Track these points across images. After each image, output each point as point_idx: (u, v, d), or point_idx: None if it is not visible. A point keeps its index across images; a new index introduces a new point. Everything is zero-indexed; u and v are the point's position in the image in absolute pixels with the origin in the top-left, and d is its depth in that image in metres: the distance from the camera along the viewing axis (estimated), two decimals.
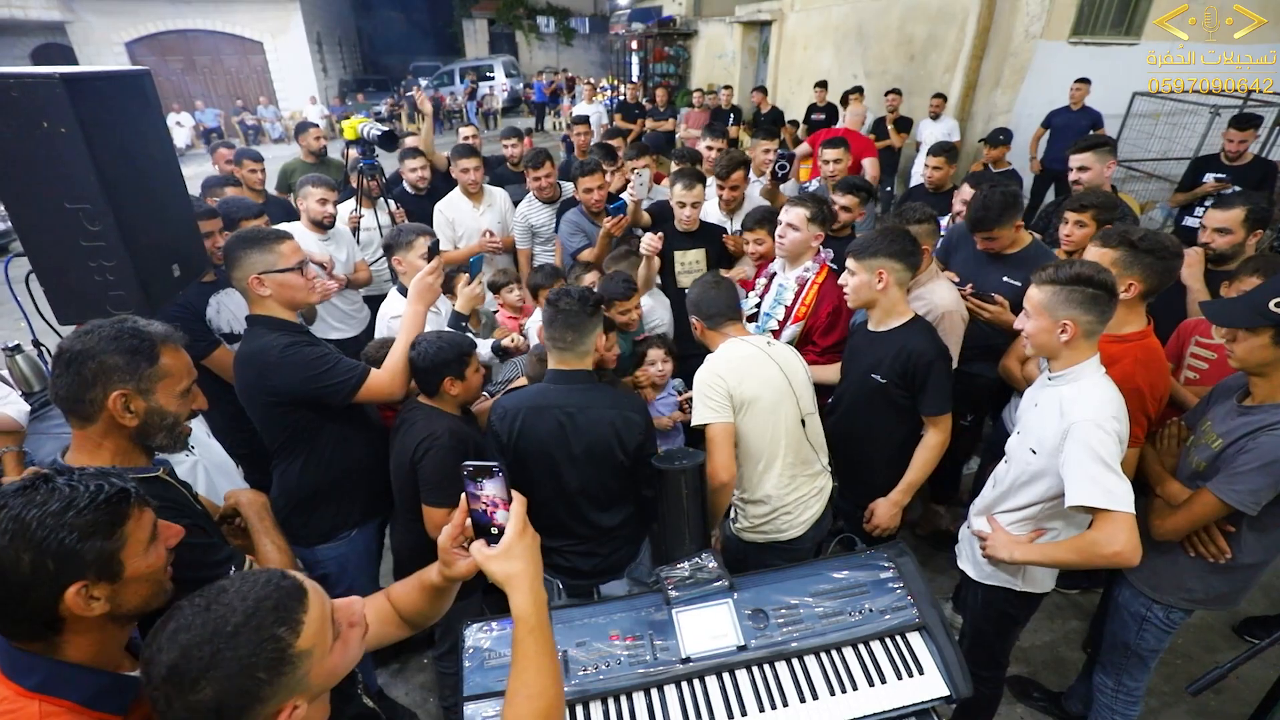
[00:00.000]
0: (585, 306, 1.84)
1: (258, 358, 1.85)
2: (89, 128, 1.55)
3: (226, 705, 0.78)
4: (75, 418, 1.23)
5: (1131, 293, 1.88)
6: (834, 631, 1.52)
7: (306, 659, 0.85)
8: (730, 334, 2.07)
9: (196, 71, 18.52)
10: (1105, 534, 1.51)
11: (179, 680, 0.77)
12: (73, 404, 1.22)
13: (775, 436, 1.99)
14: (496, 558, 1.02)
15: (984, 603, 1.95)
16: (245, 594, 0.83)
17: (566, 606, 1.56)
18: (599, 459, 1.86)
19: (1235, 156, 4.31)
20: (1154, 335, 1.96)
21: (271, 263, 1.83)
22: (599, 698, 1.41)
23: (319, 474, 2.01)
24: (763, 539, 2.11)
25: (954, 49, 7.74)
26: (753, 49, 13.24)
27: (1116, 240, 1.86)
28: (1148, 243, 1.85)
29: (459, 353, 1.92)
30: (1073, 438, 1.57)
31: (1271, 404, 1.59)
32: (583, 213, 3.47)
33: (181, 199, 2.02)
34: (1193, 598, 1.82)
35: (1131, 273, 1.86)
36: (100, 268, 1.66)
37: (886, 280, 2.09)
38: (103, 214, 1.61)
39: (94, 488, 0.91)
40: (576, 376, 1.89)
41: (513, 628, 1.00)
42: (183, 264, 1.96)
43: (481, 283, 2.27)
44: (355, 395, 1.89)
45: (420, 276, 2.08)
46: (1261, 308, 1.52)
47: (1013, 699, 2.50)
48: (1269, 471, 1.54)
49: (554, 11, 24.71)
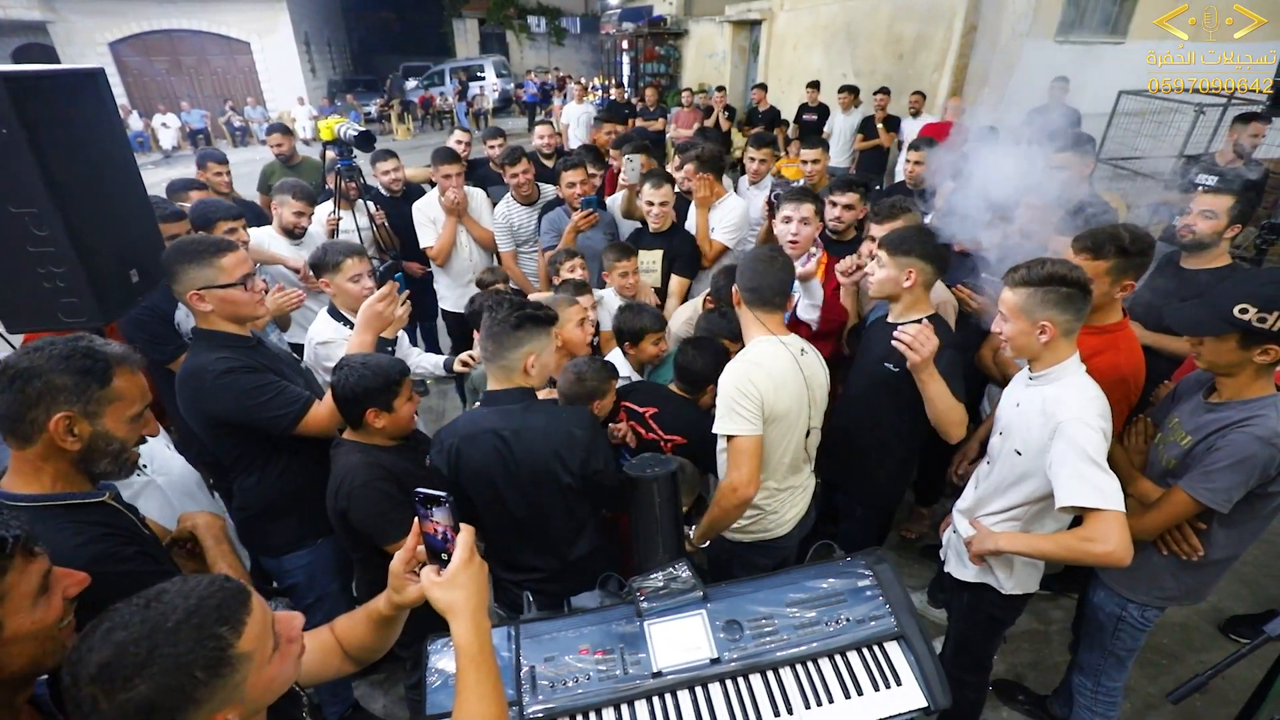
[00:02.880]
0: (510, 317, 1.68)
1: (193, 380, 1.77)
2: (34, 128, 1.49)
3: (159, 706, 0.74)
4: (14, 438, 1.16)
5: (1128, 291, 1.87)
6: (810, 642, 1.47)
7: (246, 663, 0.81)
8: (766, 323, 1.88)
9: (182, 72, 18.36)
10: (1098, 533, 1.47)
11: (110, 678, 0.73)
12: (12, 423, 1.14)
13: (784, 449, 1.93)
14: (440, 584, 1.01)
15: (970, 605, 1.92)
16: (188, 593, 0.80)
17: (535, 620, 1.51)
18: (542, 482, 1.73)
19: (1250, 151, 4.25)
20: (1130, 327, 1.95)
21: (211, 278, 1.72)
22: (568, 715, 1.36)
23: (276, 487, 1.95)
24: (750, 539, 2.07)
25: (942, 48, 7.74)
26: (743, 48, 13.22)
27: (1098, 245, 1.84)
28: (1139, 244, 1.83)
29: (385, 382, 1.69)
30: (1060, 437, 1.54)
31: (1239, 401, 1.57)
32: (565, 213, 3.43)
33: (140, 201, 1.96)
34: (1166, 595, 1.80)
35: (1128, 275, 1.84)
36: (50, 274, 1.60)
37: (914, 280, 2.03)
38: (50, 218, 1.55)
39: None
40: (510, 396, 1.74)
41: (455, 656, 0.97)
42: (141, 269, 1.89)
43: (407, 304, 2.11)
44: (295, 428, 1.80)
45: (370, 303, 1.96)
46: (1226, 314, 1.50)
47: (998, 703, 2.47)
48: (1240, 469, 1.52)
49: (545, 11, 24.60)
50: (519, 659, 1.42)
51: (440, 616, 1.03)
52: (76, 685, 0.74)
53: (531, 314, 1.71)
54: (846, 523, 2.55)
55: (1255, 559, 2.99)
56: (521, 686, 1.37)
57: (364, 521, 1.67)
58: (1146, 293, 2.52)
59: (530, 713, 1.34)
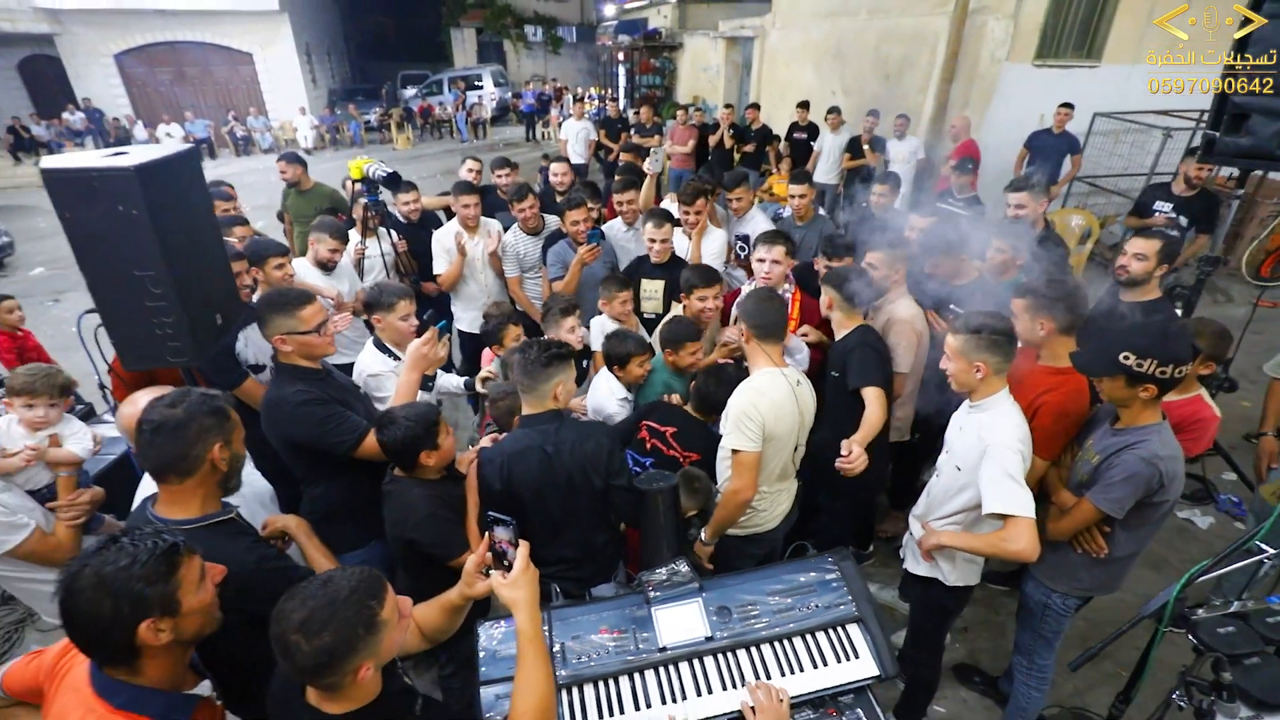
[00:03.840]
0: (540, 357, 2.03)
1: (277, 407, 2.15)
2: (154, 207, 1.83)
3: (337, 650, 1.11)
4: (174, 475, 1.49)
5: (1044, 330, 2.22)
6: (786, 624, 1.81)
7: (385, 627, 1.19)
8: (771, 354, 2.24)
9: (186, 82, 18.64)
10: (1012, 534, 1.84)
11: (308, 629, 1.11)
12: (176, 463, 1.48)
13: (776, 461, 2.29)
14: (505, 585, 1.40)
15: (921, 596, 2.28)
16: (349, 577, 1.19)
17: (563, 606, 1.86)
18: (579, 486, 2.06)
19: (1196, 183, 4.58)
20: None
21: (294, 326, 2.11)
22: (591, 681, 1.70)
23: (339, 497, 2.30)
24: (744, 532, 2.43)
25: (926, 71, 8.12)
26: (736, 63, 13.61)
27: (1025, 290, 2.21)
28: (1055, 290, 2.19)
29: (427, 425, 1.99)
30: (988, 457, 1.90)
31: (1134, 427, 1.93)
32: (569, 246, 3.78)
33: (220, 254, 2.30)
34: (1081, 586, 2.16)
35: (1043, 315, 2.20)
36: (160, 323, 1.94)
37: (831, 304, 2.58)
38: (164, 279, 1.89)
39: (151, 544, 1.18)
40: (544, 418, 2.08)
41: (516, 638, 1.37)
42: (223, 313, 2.24)
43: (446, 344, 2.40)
44: (353, 452, 2.14)
45: (416, 346, 2.27)
46: (1113, 359, 1.86)
47: (957, 683, 2.83)
48: (1130, 483, 1.87)
49: (541, 20, 24.97)
50: (551, 638, 1.76)
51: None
52: (285, 634, 1.10)
53: (557, 353, 2.07)
54: (826, 515, 2.92)
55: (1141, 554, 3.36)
56: (555, 658, 1.72)
57: (432, 546, 2.00)
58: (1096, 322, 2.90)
59: (561, 679, 1.68)
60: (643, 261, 3.67)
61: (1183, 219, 4.63)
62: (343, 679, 1.16)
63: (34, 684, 1.34)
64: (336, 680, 1.16)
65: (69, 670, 1.28)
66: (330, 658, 1.10)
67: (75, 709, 1.20)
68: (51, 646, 1.35)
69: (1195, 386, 2.38)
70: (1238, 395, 4.61)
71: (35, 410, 2.30)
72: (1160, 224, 4.69)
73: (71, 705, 1.21)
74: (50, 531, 2.17)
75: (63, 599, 1.13)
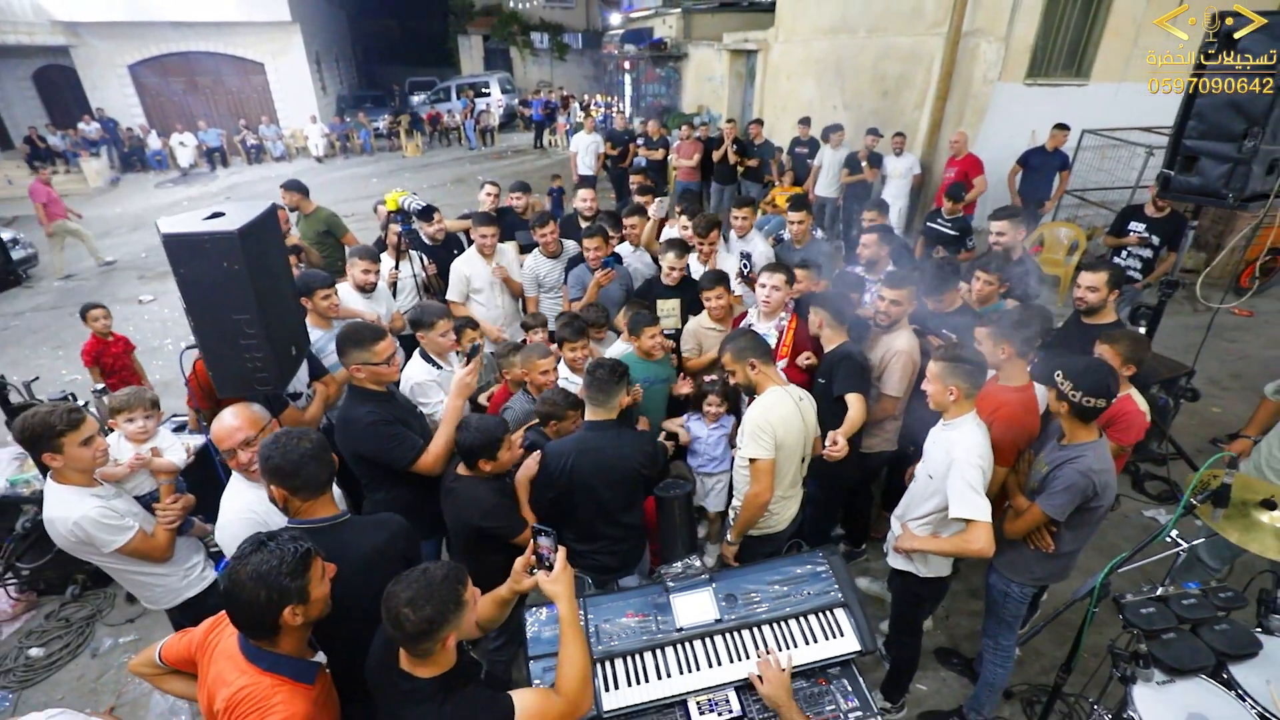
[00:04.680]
0: (612, 376, 2.48)
1: (350, 424, 2.52)
2: (251, 261, 2.18)
3: (434, 621, 1.47)
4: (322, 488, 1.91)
5: (1005, 354, 2.58)
6: (783, 608, 2.17)
7: (467, 607, 1.55)
8: (773, 376, 2.63)
9: (199, 92, 19.02)
10: (973, 536, 2.19)
11: (414, 603, 1.46)
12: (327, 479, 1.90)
13: (787, 469, 2.64)
14: (549, 582, 1.76)
15: (900, 586, 2.63)
16: (441, 566, 1.55)
17: (596, 595, 2.22)
18: (627, 483, 2.51)
19: (1162, 208, 4.97)
20: (1033, 388, 2.66)
21: (367, 358, 2.48)
22: (620, 656, 2.06)
23: (399, 501, 2.63)
24: (759, 533, 2.77)
25: (922, 89, 8.44)
26: (740, 74, 13.92)
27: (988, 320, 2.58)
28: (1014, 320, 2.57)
29: (488, 440, 2.31)
30: (954, 469, 2.24)
31: (1075, 444, 2.28)
32: (589, 269, 4.13)
33: (292, 293, 2.66)
34: (1035, 577, 2.52)
35: (1004, 341, 2.56)
36: (252, 358, 2.30)
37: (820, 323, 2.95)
38: (256, 321, 2.24)
39: (293, 548, 1.54)
40: (607, 425, 2.51)
41: (558, 624, 1.75)
42: (296, 345, 2.59)
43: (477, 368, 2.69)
44: (409, 467, 2.51)
45: (460, 377, 2.61)
46: (1050, 373, 2.25)
47: (938, 665, 3.17)
48: (1069, 492, 2.23)
49: (547, 27, 25.31)
50: (587, 621, 2.12)
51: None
52: (397, 607, 1.46)
53: (623, 371, 2.51)
54: (813, 508, 3.27)
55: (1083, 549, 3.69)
56: (590, 637, 2.07)
57: (499, 529, 2.37)
58: (1062, 340, 3.26)
59: (597, 654, 2.04)
60: (654, 284, 4.03)
61: (1155, 238, 4.96)
62: (435, 645, 1.51)
63: (187, 655, 1.70)
64: (430, 646, 1.50)
65: (219, 643, 1.64)
66: (430, 625, 1.46)
67: (231, 670, 1.56)
68: (198, 626, 1.72)
69: (1126, 386, 2.72)
70: (1207, 401, 4.93)
71: (135, 423, 2.67)
72: (1133, 243, 5.03)
73: (228, 669, 1.57)
74: (151, 533, 2.52)
75: (227, 588, 1.49)
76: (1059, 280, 7.03)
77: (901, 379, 3.11)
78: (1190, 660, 1.93)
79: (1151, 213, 4.99)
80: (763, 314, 3.44)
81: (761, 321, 3.46)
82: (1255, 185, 3.11)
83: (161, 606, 2.58)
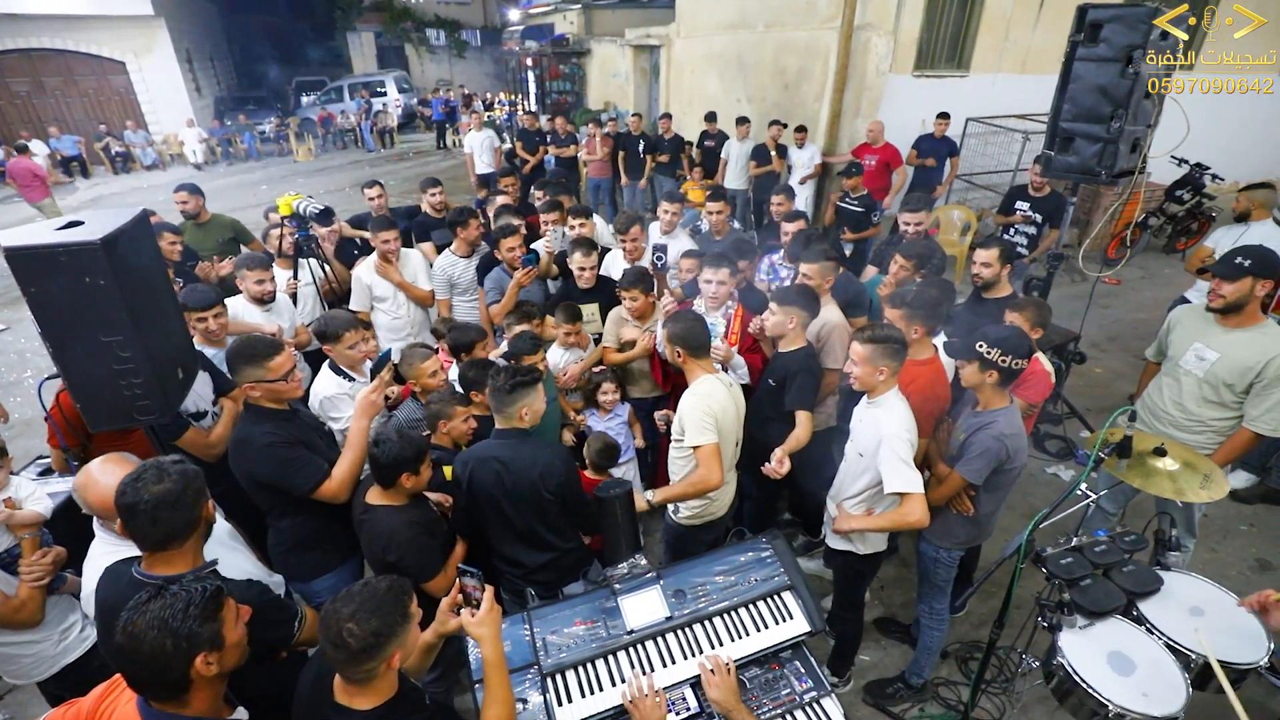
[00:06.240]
0: (507, 383, 2.30)
1: (244, 446, 2.28)
2: (119, 274, 1.91)
3: (380, 634, 1.37)
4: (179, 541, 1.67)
5: (918, 334, 2.68)
6: (732, 598, 2.15)
7: (413, 621, 1.46)
8: (704, 365, 2.57)
9: (46, 94, 16.94)
10: (908, 508, 2.25)
11: (360, 618, 1.36)
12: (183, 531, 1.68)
13: (725, 455, 2.58)
14: (474, 623, 1.69)
15: (840, 565, 2.69)
16: (382, 580, 1.47)
17: (540, 607, 2.10)
18: (528, 498, 2.29)
19: (1040, 188, 5.41)
20: (939, 359, 2.78)
21: (262, 375, 2.26)
22: (570, 667, 1.96)
23: (304, 528, 2.43)
24: (700, 521, 2.75)
25: (820, 81, 8.77)
26: (644, 70, 13.98)
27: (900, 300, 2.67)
28: (922, 301, 2.66)
29: (416, 451, 2.17)
30: (884, 446, 2.30)
31: (988, 410, 2.40)
32: (504, 271, 3.96)
33: (175, 307, 2.36)
34: (958, 540, 2.64)
35: (916, 322, 2.66)
36: (129, 385, 2.02)
37: (795, 322, 2.88)
38: (132, 343, 1.97)
39: (199, 589, 1.37)
40: (509, 434, 2.34)
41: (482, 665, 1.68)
42: (183, 366, 2.31)
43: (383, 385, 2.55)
44: (311, 494, 2.29)
45: (364, 394, 2.43)
46: (971, 346, 2.33)
47: (878, 635, 3.28)
48: (984, 457, 2.34)
49: (443, 24, 24.45)
50: (533, 634, 2.01)
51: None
52: (339, 624, 1.34)
53: (522, 380, 2.32)
54: (750, 503, 3.32)
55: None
56: (538, 652, 1.97)
57: (413, 568, 2.17)
58: (966, 316, 3.44)
59: (547, 668, 1.94)
60: (572, 288, 3.90)
61: (1037, 215, 5.38)
62: (378, 665, 1.40)
63: None
64: (374, 667, 1.39)
65: (111, 713, 1.41)
66: (377, 639, 1.36)
67: None
68: (87, 696, 1.48)
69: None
70: (1090, 364, 5.41)
71: None
72: (1019, 221, 5.44)
73: None
74: (13, 594, 2.18)
75: (122, 642, 1.27)
76: (955, 260, 7.51)
77: (841, 351, 3.17)
78: (1106, 602, 2.07)
79: (1034, 192, 5.40)
80: (709, 307, 3.41)
81: (709, 313, 3.42)
82: (1123, 163, 3.42)
83: (34, 679, 2.24)
